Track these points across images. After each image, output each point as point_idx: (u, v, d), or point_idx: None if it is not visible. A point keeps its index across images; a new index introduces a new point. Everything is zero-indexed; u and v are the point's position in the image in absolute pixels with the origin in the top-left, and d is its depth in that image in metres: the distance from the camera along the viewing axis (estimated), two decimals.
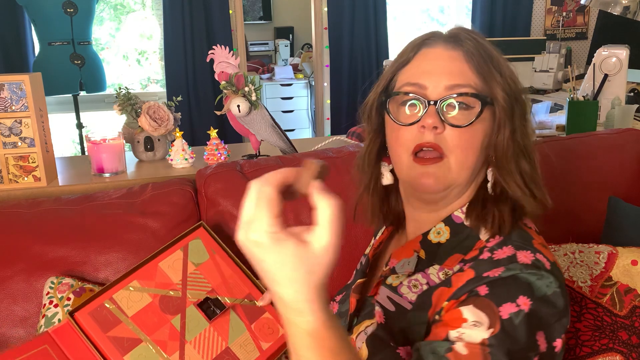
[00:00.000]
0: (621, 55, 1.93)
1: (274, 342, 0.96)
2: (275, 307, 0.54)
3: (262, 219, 0.49)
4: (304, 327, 0.50)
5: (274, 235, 0.48)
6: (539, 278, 0.65)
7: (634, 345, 1.00)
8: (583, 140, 1.42)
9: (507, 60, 0.76)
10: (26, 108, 1.29)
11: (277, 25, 4.59)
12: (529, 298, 0.63)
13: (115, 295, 0.91)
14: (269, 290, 1.00)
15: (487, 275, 0.66)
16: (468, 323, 0.63)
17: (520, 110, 0.74)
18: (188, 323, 0.92)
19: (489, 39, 0.77)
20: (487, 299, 0.64)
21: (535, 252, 0.68)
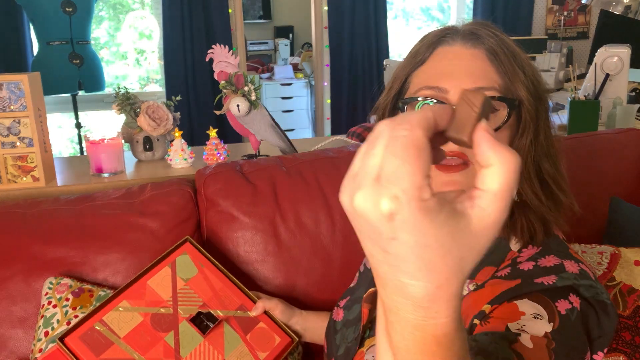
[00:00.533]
0: (623, 55, 1.92)
1: (271, 351, 0.96)
2: (381, 307, 0.40)
3: (405, 179, 0.30)
4: (432, 332, 0.34)
5: (423, 205, 0.31)
6: (591, 286, 0.63)
7: (637, 346, 0.99)
8: (584, 140, 1.42)
9: (529, 58, 0.71)
10: (25, 108, 1.29)
11: (277, 24, 4.58)
12: (578, 296, 0.61)
13: (105, 317, 0.90)
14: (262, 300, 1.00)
15: (540, 281, 0.62)
16: (527, 315, 0.59)
17: (544, 111, 0.69)
18: (182, 339, 0.91)
19: (513, 38, 0.72)
20: (541, 294, 0.61)
21: (579, 262, 0.65)
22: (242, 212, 1.15)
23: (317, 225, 1.17)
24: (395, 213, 0.31)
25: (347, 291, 0.92)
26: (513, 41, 0.70)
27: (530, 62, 0.70)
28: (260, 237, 1.15)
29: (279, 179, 1.20)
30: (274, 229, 1.16)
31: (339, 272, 1.17)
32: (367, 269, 0.91)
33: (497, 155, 0.32)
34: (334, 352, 0.85)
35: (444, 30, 0.71)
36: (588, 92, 1.92)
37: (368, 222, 0.33)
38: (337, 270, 1.17)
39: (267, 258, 1.15)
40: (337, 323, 0.88)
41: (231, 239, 1.15)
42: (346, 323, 0.85)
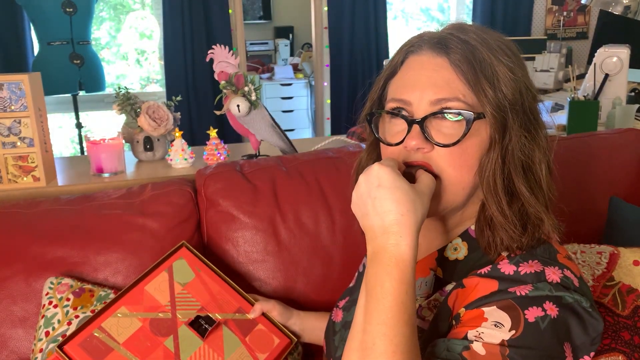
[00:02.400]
0: (622, 55, 1.92)
1: (270, 352, 0.96)
2: (369, 240, 0.63)
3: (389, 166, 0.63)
4: (394, 254, 0.59)
5: (393, 171, 0.62)
6: (570, 296, 0.61)
7: (636, 346, 0.99)
8: (584, 140, 1.42)
9: (516, 60, 0.67)
10: (25, 108, 1.29)
11: (277, 24, 4.58)
12: (555, 304, 0.60)
13: (103, 323, 0.90)
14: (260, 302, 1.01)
15: (513, 290, 0.62)
16: (488, 322, 0.60)
17: (521, 122, 0.65)
18: (182, 343, 0.91)
19: (512, 38, 0.70)
20: (512, 301, 0.61)
21: (563, 268, 0.64)
22: (242, 212, 1.16)
23: (317, 225, 1.17)
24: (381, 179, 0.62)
25: (346, 291, 0.93)
26: (501, 45, 0.66)
27: (509, 71, 0.64)
28: (260, 237, 1.15)
29: (279, 179, 1.20)
30: (274, 229, 1.16)
31: (339, 272, 1.17)
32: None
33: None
34: (333, 353, 0.85)
35: (417, 37, 0.70)
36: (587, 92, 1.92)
37: (367, 185, 0.64)
38: (337, 271, 1.17)
39: (267, 258, 1.15)
40: (336, 324, 0.88)
41: (231, 239, 1.15)
42: (345, 324, 0.85)
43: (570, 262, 0.67)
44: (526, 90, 0.66)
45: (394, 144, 0.68)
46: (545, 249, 0.67)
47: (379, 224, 0.61)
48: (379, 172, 0.62)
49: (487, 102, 0.63)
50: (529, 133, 0.66)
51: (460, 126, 0.64)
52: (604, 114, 1.89)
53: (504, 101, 0.64)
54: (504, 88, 0.64)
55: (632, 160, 1.40)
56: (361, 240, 1.17)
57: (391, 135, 0.69)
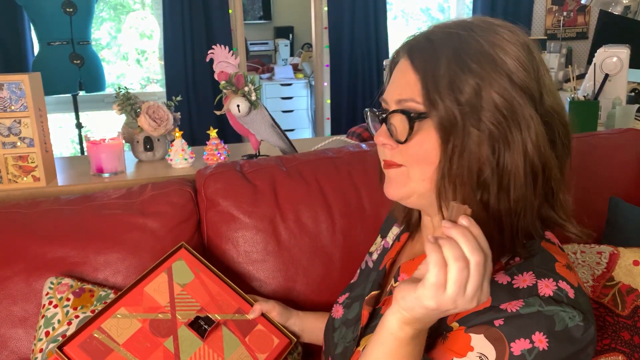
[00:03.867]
0: (622, 55, 1.92)
1: (270, 352, 0.97)
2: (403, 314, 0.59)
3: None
4: (419, 328, 0.60)
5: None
6: (561, 311, 0.61)
7: (636, 345, 0.99)
8: (584, 140, 1.42)
9: (490, 67, 0.63)
10: (25, 108, 1.29)
11: (277, 24, 4.58)
12: (546, 335, 0.60)
13: (103, 324, 0.90)
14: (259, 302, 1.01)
15: (504, 308, 0.62)
16: (474, 353, 0.61)
17: (482, 126, 0.62)
18: (182, 344, 0.91)
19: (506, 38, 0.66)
20: (500, 331, 0.61)
21: (558, 280, 0.64)
22: (242, 212, 1.16)
23: (317, 225, 1.17)
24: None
25: (347, 287, 0.93)
26: (477, 51, 0.64)
27: (471, 79, 0.62)
28: (260, 237, 1.15)
29: (279, 179, 1.20)
30: (274, 229, 1.16)
31: (339, 272, 1.17)
32: (368, 267, 0.91)
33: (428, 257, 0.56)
34: (332, 350, 0.85)
35: (405, 41, 0.71)
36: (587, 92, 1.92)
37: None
38: (337, 270, 1.17)
39: (267, 258, 1.15)
40: (335, 321, 0.88)
41: (231, 239, 1.16)
42: (345, 322, 0.85)
43: (568, 271, 0.67)
44: (491, 86, 0.63)
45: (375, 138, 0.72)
46: (544, 258, 0.67)
47: (466, 308, 0.56)
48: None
49: (435, 106, 0.63)
50: (492, 136, 0.62)
51: (400, 130, 0.67)
52: (604, 114, 1.89)
53: (449, 102, 0.63)
54: (453, 90, 0.63)
55: (632, 160, 1.41)
56: (361, 240, 1.18)
57: (375, 131, 0.73)
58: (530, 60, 0.65)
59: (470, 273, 0.54)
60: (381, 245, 0.92)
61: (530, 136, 0.62)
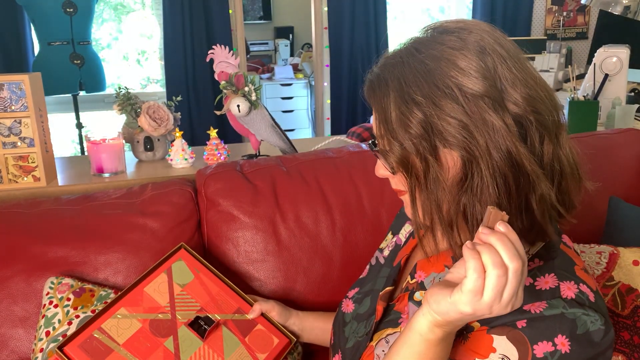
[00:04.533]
0: (622, 55, 1.93)
1: (270, 352, 0.97)
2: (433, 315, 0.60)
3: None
4: (449, 331, 0.61)
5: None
6: (583, 314, 0.61)
7: (636, 346, 0.99)
8: (583, 140, 1.42)
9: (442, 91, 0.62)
10: (26, 108, 1.29)
11: (277, 25, 4.59)
12: (568, 338, 0.60)
13: (103, 324, 0.90)
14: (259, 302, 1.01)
15: (528, 309, 0.62)
16: (496, 354, 0.61)
17: (434, 172, 0.63)
18: (182, 344, 0.92)
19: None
20: (523, 333, 0.61)
21: (579, 283, 0.64)
22: (243, 212, 1.16)
23: (317, 225, 1.18)
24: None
25: (357, 282, 0.93)
26: (428, 74, 0.63)
27: (417, 112, 0.62)
28: (261, 237, 1.15)
29: (279, 179, 1.20)
30: (274, 229, 1.16)
31: (339, 272, 1.18)
32: (379, 263, 0.91)
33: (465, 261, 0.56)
34: (342, 344, 0.85)
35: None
36: (587, 92, 1.92)
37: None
38: (337, 270, 1.17)
39: (267, 258, 1.15)
40: (346, 315, 0.88)
41: (231, 239, 1.16)
42: (357, 317, 0.85)
43: (587, 275, 0.67)
44: (444, 120, 0.62)
45: None
46: (564, 261, 0.67)
47: (500, 314, 0.56)
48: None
49: (391, 145, 0.65)
50: (462, 155, 0.62)
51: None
52: (603, 114, 1.89)
53: (405, 142, 0.64)
54: (410, 130, 0.63)
55: (631, 160, 1.41)
56: (361, 240, 1.18)
57: None
58: (483, 61, 0.62)
59: (509, 279, 0.54)
60: (393, 241, 0.92)
61: (495, 141, 0.61)
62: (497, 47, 0.64)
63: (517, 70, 0.63)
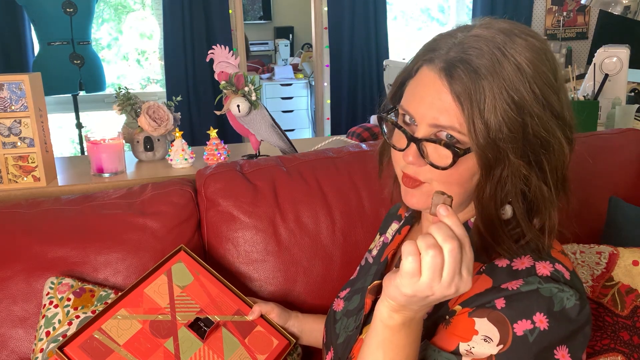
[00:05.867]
0: (622, 55, 1.93)
1: (269, 353, 0.97)
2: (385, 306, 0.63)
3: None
4: (411, 317, 0.62)
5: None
6: (559, 291, 0.64)
7: (635, 346, 0.99)
8: (583, 140, 1.42)
9: (533, 81, 0.62)
10: (26, 108, 1.29)
11: (277, 25, 4.59)
12: (546, 315, 0.62)
13: (103, 325, 0.91)
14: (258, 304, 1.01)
15: (505, 287, 0.65)
16: (479, 336, 0.63)
17: (521, 152, 0.63)
18: (182, 345, 0.92)
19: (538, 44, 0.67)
20: (502, 314, 0.63)
21: (555, 262, 0.67)
22: (243, 212, 1.16)
23: (317, 225, 1.18)
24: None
25: (348, 283, 0.95)
26: (519, 68, 0.62)
27: (512, 105, 0.61)
28: (261, 237, 1.16)
29: (279, 179, 1.20)
30: (274, 229, 1.16)
31: (339, 272, 1.18)
32: (368, 263, 0.92)
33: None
34: (334, 340, 0.86)
35: (433, 46, 0.68)
36: (587, 93, 1.92)
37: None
38: (337, 270, 1.18)
39: (267, 258, 1.15)
40: (337, 313, 0.89)
41: (231, 239, 1.16)
42: (347, 313, 0.86)
43: (563, 256, 0.70)
44: (533, 118, 0.62)
45: (398, 149, 0.69)
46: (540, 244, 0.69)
47: (444, 295, 0.58)
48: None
49: (476, 138, 0.62)
50: (529, 163, 0.64)
51: (451, 153, 0.64)
52: (603, 114, 1.90)
53: (495, 137, 0.62)
54: (500, 126, 0.62)
55: (631, 160, 1.41)
56: (361, 240, 1.18)
57: (396, 138, 0.71)
58: (555, 78, 0.65)
59: (445, 260, 0.56)
60: (380, 241, 0.94)
61: (557, 158, 0.64)
62: (558, 65, 0.68)
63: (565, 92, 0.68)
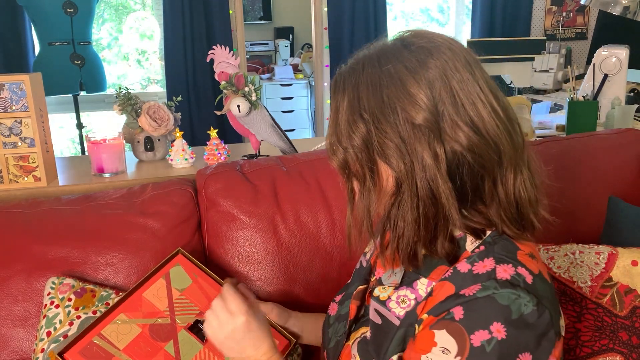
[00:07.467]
0: (621, 55, 1.93)
1: None
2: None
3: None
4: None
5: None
6: (516, 297, 0.63)
7: (634, 346, 1.00)
8: (583, 140, 1.43)
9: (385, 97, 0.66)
10: (26, 108, 1.29)
11: (277, 25, 4.59)
12: (504, 324, 0.62)
13: (103, 330, 0.91)
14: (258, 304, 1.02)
15: (463, 293, 0.65)
16: (437, 348, 0.63)
17: (362, 161, 0.69)
18: (182, 347, 0.92)
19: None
20: (460, 324, 0.63)
21: (517, 266, 0.66)
22: (243, 212, 1.16)
23: (317, 225, 1.18)
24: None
25: (344, 287, 0.95)
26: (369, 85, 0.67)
27: (360, 122, 0.67)
28: (261, 237, 1.16)
29: (279, 179, 1.21)
30: (274, 229, 1.16)
31: (339, 272, 1.18)
32: (362, 266, 0.92)
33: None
34: (327, 344, 0.87)
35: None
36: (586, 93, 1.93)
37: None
38: (337, 270, 1.18)
39: (267, 258, 1.16)
40: (330, 317, 0.90)
41: (232, 239, 1.16)
42: (339, 317, 0.87)
43: (530, 259, 0.68)
44: (381, 140, 0.66)
45: None
46: (504, 246, 0.68)
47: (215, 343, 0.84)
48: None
49: (335, 152, 0.71)
50: (370, 169, 0.68)
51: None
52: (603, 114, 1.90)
53: (347, 151, 0.69)
54: (353, 140, 0.68)
55: (631, 160, 1.41)
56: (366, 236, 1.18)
57: None
58: (432, 91, 0.65)
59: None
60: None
61: (421, 172, 0.65)
62: (454, 78, 0.65)
63: (467, 105, 0.65)
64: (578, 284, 1.06)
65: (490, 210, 0.69)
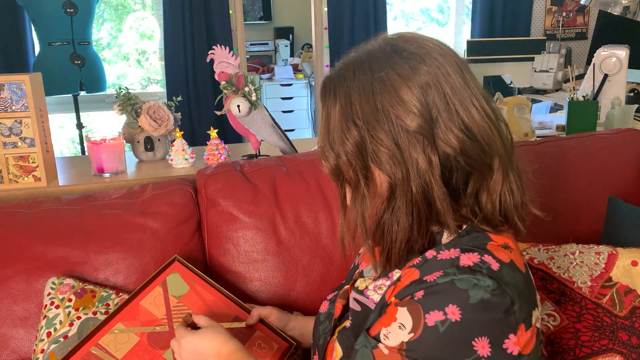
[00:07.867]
0: (621, 56, 1.93)
1: (270, 357, 0.96)
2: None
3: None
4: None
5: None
6: (475, 283, 0.63)
7: (634, 346, 1.00)
8: (583, 140, 1.43)
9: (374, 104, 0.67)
10: (26, 108, 1.29)
11: (277, 25, 4.59)
12: (460, 307, 0.62)
13: (101, 340, 0.90)
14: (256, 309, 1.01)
15: (426, 279, 0.66)
16: (395, 323, 0.65)
17: (356, 166, 0.70)
18: None
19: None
20: (418, 303, 0.64)
21: (484, 254, 0.66)
22: (243, 212, 1.16)
23: (317, 225, 1.18)
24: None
25: (337, 287, 0.95)
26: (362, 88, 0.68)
27: (351, 129, 0.68)
28: (261, 237, 1.16)
29: (279, 179, 1.21)
30: (274, 229, 1.16)
31: (339, 272, 1.18)
32: (354, 265, 0.93)
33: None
34: (317, 342, 0.88)
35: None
36: (586, 93, 1.93)
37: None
38: (337, 270, 1.18)
39: (267, 258, 1.16)
40: (321, 315, 0.91)
41: (232, 239, 1.16)
42: (328, 316, 0.88)
43: (501, 249, 0.68)
44: (374, 146, 0.67)
45: None
46: (474, 238, 0.69)
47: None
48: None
49: (327, 158, 0.73)
50: (364, 174, 0.69)
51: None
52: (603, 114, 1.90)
53: (339, 158, 0.71)
54: (345, 146, 0.69)
55: (631, 160, 1.41)
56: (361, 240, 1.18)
57: None
58: (425, 96, 0.65)
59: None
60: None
61: (415, 176, 0.66)
62: (447, 83, 0.66)
63: (460, 110, 0.66)
64: (578, 284, 1.06)
65: (471, 211, 0.69)
